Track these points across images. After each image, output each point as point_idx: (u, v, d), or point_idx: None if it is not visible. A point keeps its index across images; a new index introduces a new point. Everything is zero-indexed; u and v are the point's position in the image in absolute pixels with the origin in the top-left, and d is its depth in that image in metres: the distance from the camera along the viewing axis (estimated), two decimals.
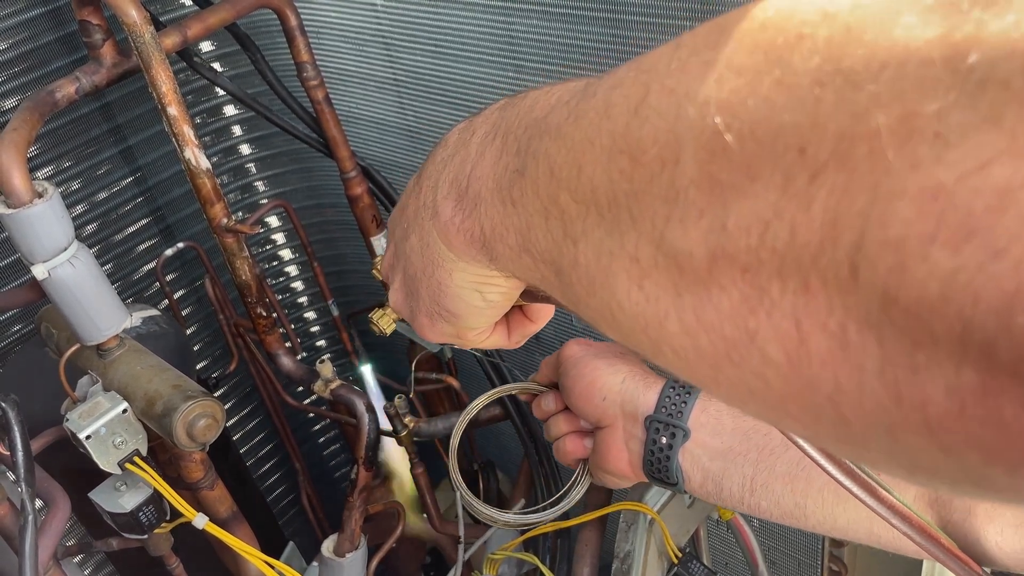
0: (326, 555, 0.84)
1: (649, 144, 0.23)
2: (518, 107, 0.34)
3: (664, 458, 0.64)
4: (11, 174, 0.62)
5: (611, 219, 0.25)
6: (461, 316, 0.43)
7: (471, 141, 0.37)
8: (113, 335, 0.69)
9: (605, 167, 0.25)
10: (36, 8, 0.87)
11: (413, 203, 0.43)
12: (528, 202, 0.30)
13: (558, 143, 0.28)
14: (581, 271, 0.27)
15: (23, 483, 0.59)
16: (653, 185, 0.22)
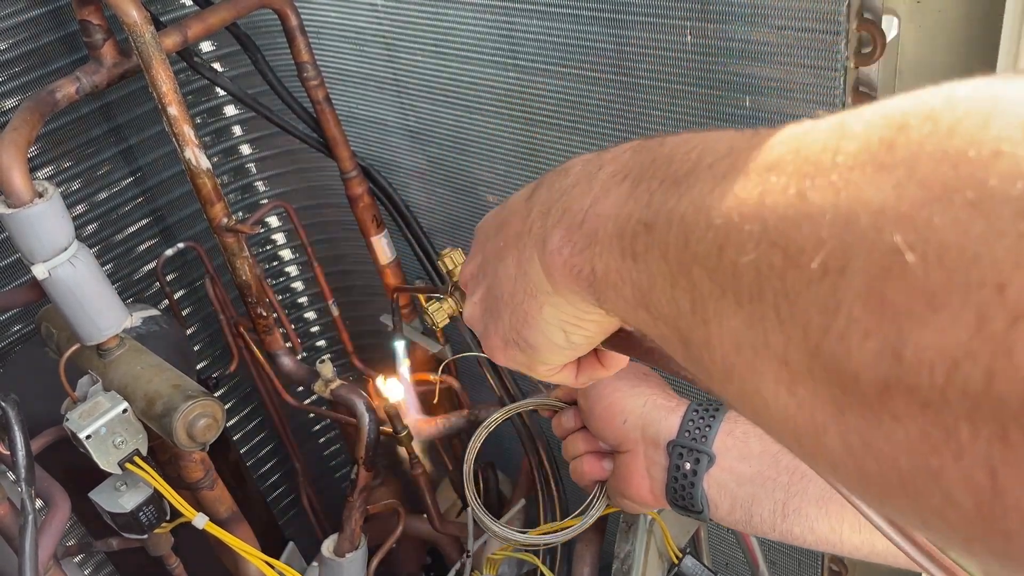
0: (326, 555, 0.84)
1: (809, 245, 0.21)
2: (653, 153, 0.32)
3: (688, 485, 0.61)
4: (11, 174, 0.62)
5: (752, 312, 0.23)
6: (539, 350, 0.42)
7: (596, 176, 0.36)
8: (113, 335, 0.69)
9: (752, 257, 0.23)
10: (37, 8, 0.86)
11: (516, 224, 0.42)
12: (652, 261, 0.29)
13: (698, 213, 0.26)
14: (716, 355, 0.26)
15: (23, 483, 0.59)
16: (810, 290, 0.21)
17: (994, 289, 0.17)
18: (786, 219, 0.22)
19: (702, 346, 0.26)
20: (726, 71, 0.66)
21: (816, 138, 0.23)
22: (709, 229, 0.25)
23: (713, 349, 0.26)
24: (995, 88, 0.19)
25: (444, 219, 1.06)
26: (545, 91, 0.81)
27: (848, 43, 0.58)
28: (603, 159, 0.37)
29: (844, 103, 0.60)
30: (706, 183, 0.27)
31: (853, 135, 0.22)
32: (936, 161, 0.19)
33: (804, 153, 0.23)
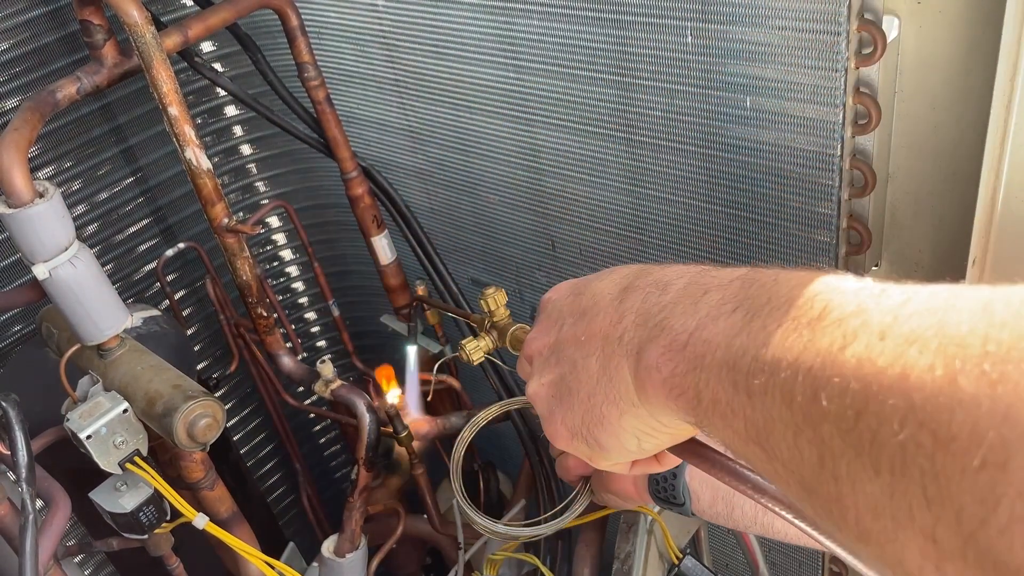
0: (326, 555, 0.84)
1: (963, 433, 0.21)
2: (768, 291, 0.32)
3: (670, 476, 0.62)
4: (12, 174, 0.62)
5: (895, 484, 0.23)
6: (608, 451, 0.43)
7: (701, 299, 0.35)
8: (114, 335, 0.69)
9: (895, 430, 0.23)
10: (37, 8, 0.87)
11: (603, 323, 0.42)
12: (772, 405, 0.29)
13: (827, 369, 0.26)
14: (848, 514, 0.26)
15: (24, 483, 0.59)
16: (965, 479, 0.21)
17: None
18: (936, 402, 0.22)
19: (831, 500, 0.26)
20: (726, 71, 0.66)
21: (960, 319, 0.23)
22: (845, 393, 0.25)
23: (846, 508, 0.26)
24: None
25: (445, 220, 1.06)
26: (545, 91, 0.81)
27: (849, 43, 0.58)
28: (708, 283, 0.37)
29: (844, 103, 0.60)
30: (835, 338, 0.27)
31: (1003, 323, 0.22)
32: None
33: (948, 332, 0.23)
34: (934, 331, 0.24)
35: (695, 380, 0.34)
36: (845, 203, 0.66)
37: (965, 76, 0.58)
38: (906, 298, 0.26)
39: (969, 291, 0.24)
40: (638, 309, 0.40)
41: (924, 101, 0.61)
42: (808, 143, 0.64)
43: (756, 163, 0.69)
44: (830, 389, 0.26)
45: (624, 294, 0.42)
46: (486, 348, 0.69)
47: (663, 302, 0.38)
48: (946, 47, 0.58)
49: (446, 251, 1.06)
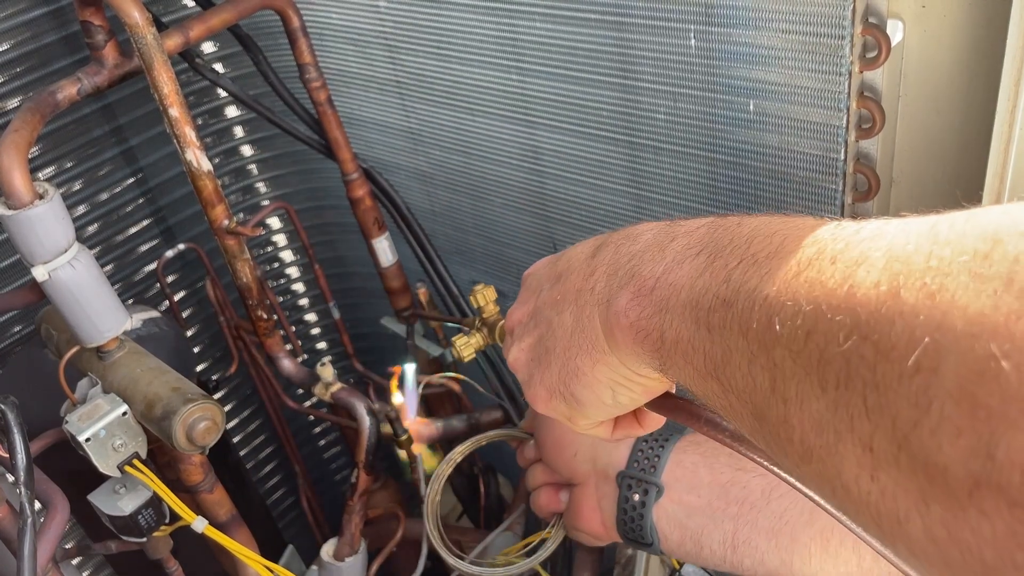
0: (325, 559, 0.84)
1: (901, 342, 0.22)
2: (731, 232, 0.33)
3: (638, 516, 0.61)
4: (12, 175, 0.62)
5: (838, 398, 0.24)
6: (584, 406, 0.43)
7: (667, 246, 0.37)
8: (113, 337, 0.69)
9: (841, 346, 0.24)
10: (38, 8, 0.86)
11: (577, 279, 0.42)
12: (730, 336, 0.30)
13: (783, 296, 0.27)
14: (794, 434, 0.26)
15: (22, 485, 0.59)
16: (901, 385, 0.22)
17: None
18: (878, 315, 0.23)
19: (779, 423, 0.27)
20: (729, 75, 0.66)
21: (907, 240, 0.24)
22: (797, 315, 0.26)
23: (792, 428, 0.26)
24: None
25: (446, 222, 1.06)
26: (547, 94, 0.81)
27: (853, 47, 0.57)
28: (675, 231, 0.38)
29: (848, 107, 0.60)
30: (790, 268, 0.28)
31: (946, 241, 0.23)
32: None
33: (895, 252, 0.24)
34: (882, 252, 0.25)
35: (660, 322, 0.35)
36: (849, 207, 0.66)
37: (970, 80, 0.58)
38: (859, 227, 0.27)
39: (919, 218, 0.25)
40: (609, 261, 0.41)
41: (928, 105, 0.61)
42: (811, 147, 0.64)
43: (759, 167, 0.69)
44: (783, 313, 0.27)
45: (597, 251, 0.43)
46: (476, 345, 0.68)
47: (632, 251, 0.39)
48: (950, 51, 0.57)
49: (447, 253, 1.06)
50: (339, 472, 1.47)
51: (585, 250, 0.45)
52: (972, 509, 0.20)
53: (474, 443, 0.76)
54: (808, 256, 0.27)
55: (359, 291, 1.26)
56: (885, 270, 0.24)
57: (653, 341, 0.35)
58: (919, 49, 0.59)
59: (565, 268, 0.45)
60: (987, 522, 0.20)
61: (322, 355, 1.35)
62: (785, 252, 0.29)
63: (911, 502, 0.22)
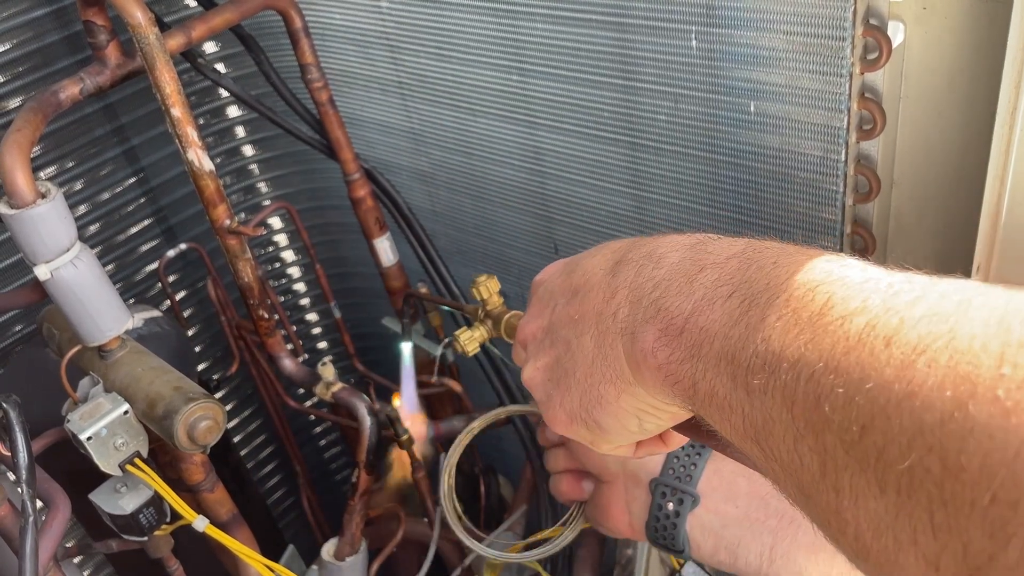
0: (325, 559, 0.84)
1: (973, 465, 0.20)
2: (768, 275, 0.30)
3: (671, 525, 0.59)
4: (14, 174, 0.62)
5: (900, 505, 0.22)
6: (608, 432, 0.41)
7: (696, 278, 0.34)
8: (115, 336, 0.69)
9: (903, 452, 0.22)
10: (40, 8, 0.86)
11: (596, 300, 0.40)
12: (772, 406, 0.27)
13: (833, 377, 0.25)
14: (847, 528, 0.25)
15: (24, 484, 0.59)
16: (974, 512, 0.20)
17: None
18: (946, 429, 0.21)
19: (831, 512, 0.25)
20: (730, 76, 0.66)
21: (974, 331, 0.22)
22: (849, 405, 0.24)
23: (846, 523, 0.25)
24: None
25: (447, 222, 1.06)
26: (549, 94, 0.81)
27: (854, 49, 0.57)
28: (703, 259, 0.34)
29: (849, 108, 0.60)
30: (838, 339, 0.25)
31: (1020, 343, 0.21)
32: None
33: (960, 346, 0.22)
34: (944, 342, 0.22)
35: (691, 370, 0.32)
36: (849, 208, 0.66)
37: (970, 82, 0.58)
38: (915, 297, 0.25)
39: (984, 297, 0.23)
40: (631, 283, 0.38)
41: (929, 107, 0.61)
42: (812, 148, 0.64)
43: (760, 167, 0.69)
44: (834, 399, 0.25)
45: (616, 268, 0.40)
46: (481, 338, 0.67)
47: (656, 277, 0.36)
48: (951, 53, 0.58)
49: (448, 254, 1.06)
50: (340, 472, 1.47)
51: (603, 264, 0.41)
52: None
53: (495, 415, 0.74)
54: (858, 328, 0.25)
55: (360, 291, 1.26)
56: (949, 370, 0.22)
57: (685, 388, 0.33)
58: (920, 51, 0.59)
59: (582, 283, 0.42)
60: None
61: (323, 355, 1.35)
62: (832, 316, 0.26)
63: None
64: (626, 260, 0.40)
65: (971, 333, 0.22)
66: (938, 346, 0.22)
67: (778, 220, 0.70)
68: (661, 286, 0.35)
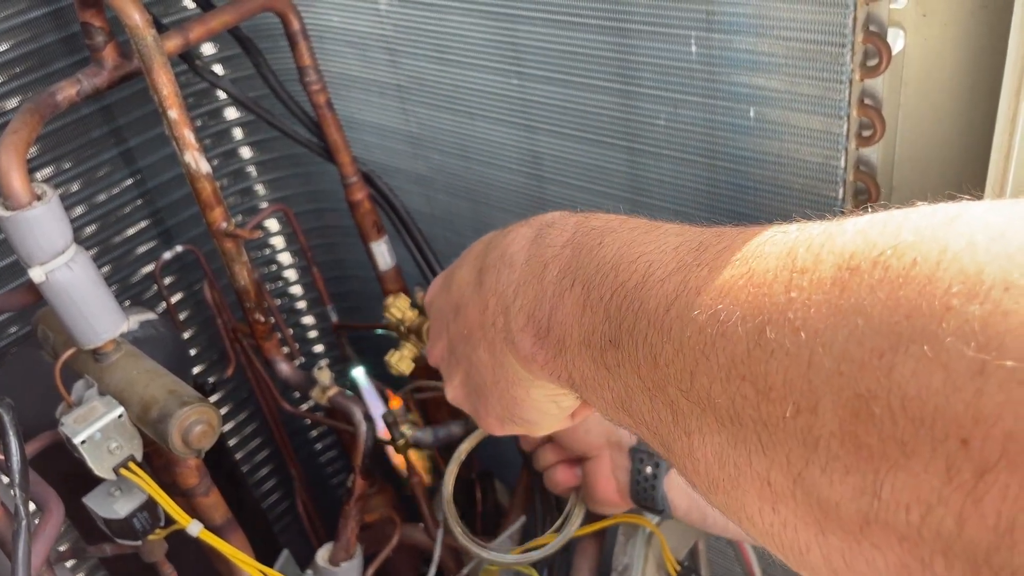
0: (320, 564, 0.84)
1: (777, 383, 0.22)
2: (595, 256, 0.33)
3: (649, 487, 0.65)
4: (10, 176, 0.61)
5: (735, 433, 0.24)
6: (535, 423, 0.44)
7: (543, 276, 0.37)
8: (110, 339, 0.68)
9: (724, 385, 0.24)
10: (38, 9, 0.86)
11: (474, 313, 0.43)
12: (626, 375, 0.30)
13: (662, 336, 0.27)
14: (700, 466, 0.27)
15: (17, 487, 0.59)
16: (787, 425, 0.22)
17: (958, 442, 0.18)
18: (749, 355, 0.23)
19: (685, 456, 0.28)
20: (730, 81, 0.66)
21: (766, 267, 0.24)
22: (677, 355, 0.26)
23: (697, 461, 0.27)
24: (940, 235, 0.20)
25: (445, 226, 1.06)
26: (548, 98, 0.81)
27: (853, 55, 0.57)
28: (544, 254, 0.37)
29: (849, 115, 0.60)
30: (660, 301, 0.28)
31: (804, 269, 0.23)
32: (890, 310, 0.20)
33: (755, 281, 0.24)
34: (744, 280, 0.24)
35: (564, 362, 0.35)
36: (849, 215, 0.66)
37: (970, 89, 0.58)
38: (722, 247, 0.27)
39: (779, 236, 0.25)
40: (495, 290, 0.41)
41: (929, 114, 0.61)
42: (811, 154, 0.64)
43: (759, 173, 0.69)
44: (664, 354, 0.27)
45: (480, 277, 0.43)
46: (411, 354, 0.69)
47: (514, 281, 0.39)
48: (951, 60, 0.57)
49: (446, 257, 1.06)
50: (335, 476, 1.46)
51: (469, 276, 0.45)
52: (865, 543, 0.21)
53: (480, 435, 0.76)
54: (675, 287, 0.27)
55: (357, 294, 1.26)
56: (748, 303, 0.24)
57: (565, 380, 0.36)
58: (920, 58, 0.59)
59: (458, 298, 0.45)
60: (879, 554, 0.20)
61: (319, 358, 1.34)
62: (652, 281, 0.29)
63: (810, 534, 0.22)
64: (485, 267, 0.43)
65: (765, 268, 0.24)
66: (739, 285, 0.24)
67: None
68: (520, 292, 0.38)
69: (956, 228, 0.20)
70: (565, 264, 0.36)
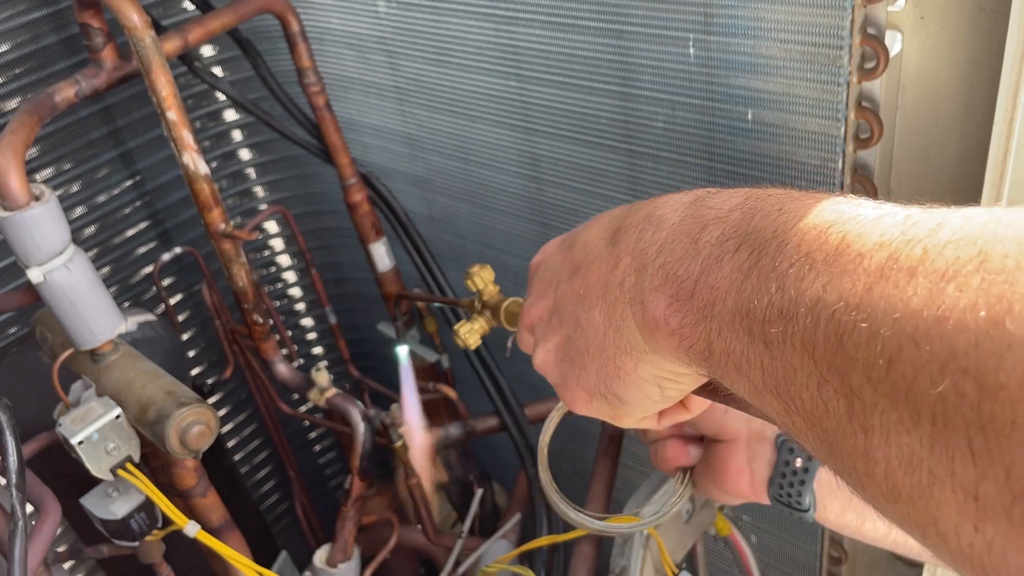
0: (318, 565, 0.84)
1: (1012, 382, 0.19)
2: (774, 222, 0.29)
3: (798, 482, 0.57)
4: (9, 177, 0.61)
5: (936, 436, 0.21)
6: (631, 404, 0.40)
7: (700, 236, 0.33)
8: (108, 340, 0.68)
9: (934, 378, 0.21)
10: (37, 10, 0.86)
11: (600, 271, 0.39)
12: (792, 354, 0.26)
13: (852, 312, 0.24)
14: (876, 468, 0.24)
15: (14, 488, 0.59)
16: (1015, 431, 0.19)
17: None
18: (982, 349, 0.20)
19: (857, 455, 0.24)
20: (728, 84, 0.66)
21: (1006, 250, 0.21)
22: (874, 339, 0.23)
23: (874, 462, 0.24)
24: None
25: (444, 228, 1.06)
26: (546, 101, 0.81)
27: (851, 58, 0.57)
28: (704, 215, 0.33)
29: (846, 117, 0.60)
30: (858, 278, 0.24)
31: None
32: None
33: (992, 266, 0.21)
34: (975, 265, 0.21)
35: (706, 331, 0.31)
36: None
37: (968, 92, 0.58)
38: (936, 224, 0.24)
39: (1010, 216, 0.22)
40: (633, 250, 0.37)
41: (926, 116, 0.61)
42: (809, 157, 0.64)
43: (757, 176, 0.69)
44: (857, 336, 0.24)
45: (616, 236, 0.39)
46: (481, 330, 0.65)
47: (659, 241, 0.35)
48: (949, 63, 0.58)
49: (445, 259, 1.06)
50: (334, 478, 1.46)
51: (602, 234, 0.40)
52: None
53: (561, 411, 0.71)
54: (879, 263, 0.24)
55: (356, 296, 1.26)
56: (982, 291, 0.21)
57: (700, 351, 0.32)
58: (917, 60, 0.59)
59: (582, 257, 0.41)
60: None
61: (318, 360, 1.34)
62: (849, 255, 0.25)
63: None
64: (625, 227, 0.38)
65: (1003, 253, 0.21)
66: (968, 269, 0.21)
67: None
68: (665, 250, 0.34)
69: None
70: (732, 227, 0.31)
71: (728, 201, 0.33)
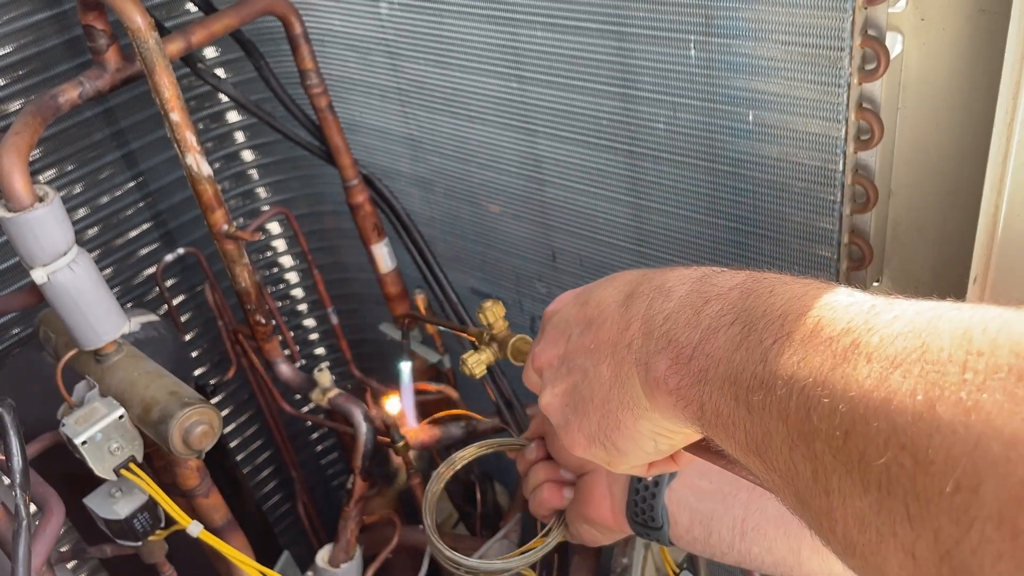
0: (320, 565, 0.84)
1: (939, 457, 0.23)
2: (765, 303, 0.34)
3: (649, 497, 0.61)
4: (12, 178, 0.62)
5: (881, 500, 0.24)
6: (626, 454, 0.44)
7: (703, 310, 0.37)
8: (111, 340, 0.69)
9: (880, 450, 0.24)
10: (41, 12, 0.87)
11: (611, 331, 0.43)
12: (770, 420, 0.30)
13: (819, 388, 0.28)
14: (837, 527, 0.27)
15: (18, 488, 0.59)
16: (942, 500, 0.22)
17: None
18: (916, 427, 0.23)
19: (822, 514, 0.28)
20: (729, 85, 0.66)
21: (942, 344, 0.24)
22: (834, 413, 0.27)
23: (835, 521, 0.27)
24: None
25: (445, 229, 1.06)
26: (548, 102, 0.81)
27: (852, 59, 0.57)
28: (708, 291, 0.38)
29: (847, 119, 0.60)
30: (825, 358, 0.28)
31: (979, 352, 0.23)
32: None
33: (929, 357, 0.25)
34: (917, 355, 0.25)
35: (699, 393, 0.35)
36: (847, 218, 0.66)
37: (968, 93, 0.58)
38: (893, 316, 0.28)
39: (952, 313, 0.26)
40: (643, 316, 0.41)
41: (927, 118, 0.61)
42: (810, 158, 0.64)
43: (758, 177, 0.69)
44: (821, 409, 0.27)
45: (629, 300, 0.43)
46: (487, 361, 0.69)
47: (667, 310, 0.39)
48: (949, 64, 0.58)
49: (446, 260, 1.06)
50: (336, 478, 1.46)
51: (615, 297, 0.45)
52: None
53: (477, 449, 0.75)
54: (844, 347, 0.28)
55: (358, 297, 1.26)
56: (921, 378, 0.24)
57: (694, 411, 0.36)
58: (918, 61, 0.59)
59: (595, 314, 0.45)
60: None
61: (320, 360, 1.34)
62: (821, 337, 0.29)
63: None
64: (637, 293, 0.43)
65: (940, 346, 0.25)
66: (912, 359, 0.25)
67: (776, 229, 0.70)
68: (671, 319, 0.38)
69: None
70: (730, 304, 0.36)
71: (729, 281, 0.38)
